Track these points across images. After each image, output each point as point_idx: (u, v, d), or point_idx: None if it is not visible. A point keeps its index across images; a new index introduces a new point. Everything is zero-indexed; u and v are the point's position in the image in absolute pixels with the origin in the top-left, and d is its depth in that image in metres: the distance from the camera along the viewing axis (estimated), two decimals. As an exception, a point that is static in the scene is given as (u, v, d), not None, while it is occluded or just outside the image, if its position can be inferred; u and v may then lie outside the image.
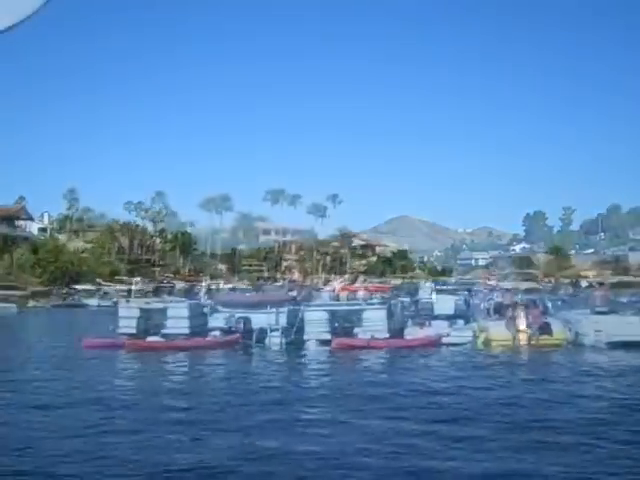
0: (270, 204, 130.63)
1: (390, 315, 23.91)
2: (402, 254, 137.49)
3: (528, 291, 25.98)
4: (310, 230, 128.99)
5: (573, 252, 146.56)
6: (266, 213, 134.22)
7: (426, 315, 26.00)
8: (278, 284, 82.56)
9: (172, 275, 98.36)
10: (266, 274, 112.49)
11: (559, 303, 29.53)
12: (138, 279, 55.98)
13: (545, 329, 22.98)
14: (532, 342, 22.65)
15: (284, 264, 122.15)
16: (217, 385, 15.96)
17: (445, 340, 23.09)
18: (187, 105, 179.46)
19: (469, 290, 28.09)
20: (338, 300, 24.59)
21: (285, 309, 23.96)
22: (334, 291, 25.53)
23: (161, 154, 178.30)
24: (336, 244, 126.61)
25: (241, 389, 14.86)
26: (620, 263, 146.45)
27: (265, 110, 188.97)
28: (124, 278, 74.81)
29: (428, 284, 29.65)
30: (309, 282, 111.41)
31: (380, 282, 61.47)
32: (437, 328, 23.98)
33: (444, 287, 29.73)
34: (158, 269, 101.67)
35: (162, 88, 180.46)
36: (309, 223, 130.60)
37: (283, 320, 23.66)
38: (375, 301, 24.43)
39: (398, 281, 52.61)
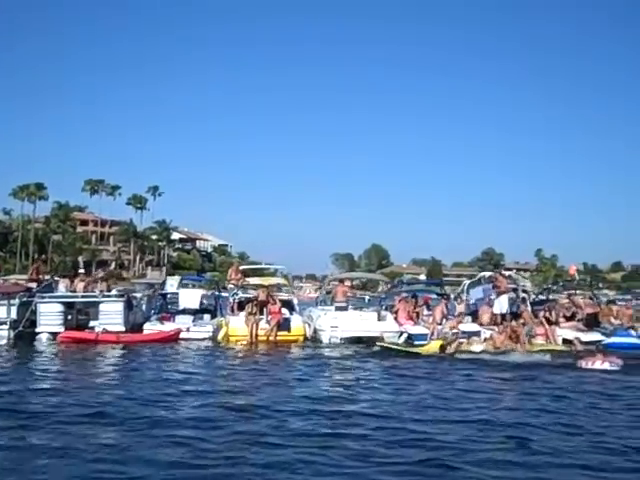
0: (89, 194, 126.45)
1: (130, 308, 23.12)
2: (222, 249, 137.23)
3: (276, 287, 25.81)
4: (129, 222, 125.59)
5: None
6: (84, 203, 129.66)
7: (172, 309, 25.39)
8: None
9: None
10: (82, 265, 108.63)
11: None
12: None
13: (283, 325, 22.99)
14: (270, 338, 22.64)
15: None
16: None
17: (185, 335, 22.61)
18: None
19: (217, 284, 27.67)
20: (75, 292, 23.40)
21: (17, 300, 22.59)
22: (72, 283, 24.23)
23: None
24: (154, 237, 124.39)
25: None
26: (437, 261, 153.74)
27: (86, 95, 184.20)
28: None
29: (175, 277, 29.14)
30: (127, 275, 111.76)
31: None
32: (180, 323, 23.46)
33: (192, 281, 29.17)
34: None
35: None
36: (128, 214, 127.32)
37: (13, 312, 22.34)
38: (113, 294, 23.49)
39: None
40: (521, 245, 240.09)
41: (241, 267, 28.22)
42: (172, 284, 26.43)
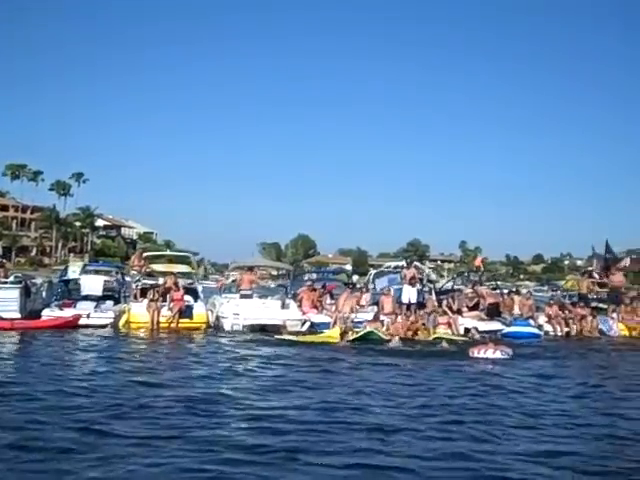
0: (9, 179, 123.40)
1: (27, 295, 22.53)
2: (147, 237, 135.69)
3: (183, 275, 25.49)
4: (52, 208, 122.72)
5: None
6: (5, 188, 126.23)
7: (76, 296, 24.80)
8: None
9: None
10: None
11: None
12: None
13: (186, 312, 22.79)
14: (172, 325, 22.41)
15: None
16: None
17: (84, 321, 22.12)
18: None
19: (120, 270, 27.11)
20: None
21: None
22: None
23: None
24: (78, 223, 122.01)
25: None
26: (363, 251, 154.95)
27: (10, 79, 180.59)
28: None
29: (78, 263, 28.55)
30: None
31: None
32: (80, 309, 22.96)
33: (96, 267, 28.57)
34: None
35: None
36: (51, 201, 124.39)
37: None
38: (9, 280, 22.84)
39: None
40: (446, 237, 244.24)
41: (145, 254, 27.90)
42: (74, 270, 25.82)
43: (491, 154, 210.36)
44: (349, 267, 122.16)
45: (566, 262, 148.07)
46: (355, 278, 29.97)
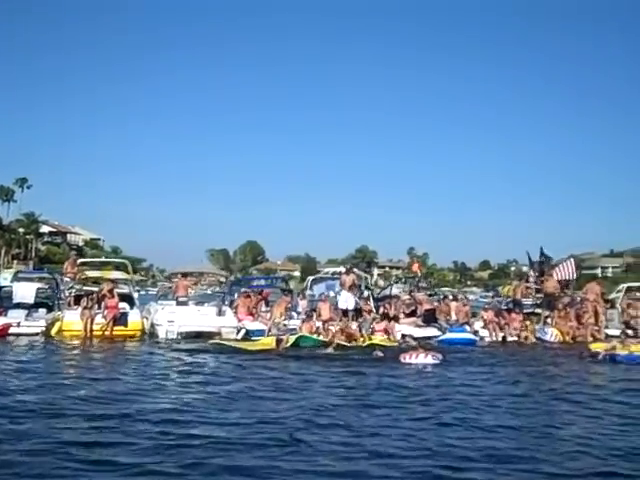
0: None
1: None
2: (94, 243, 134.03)
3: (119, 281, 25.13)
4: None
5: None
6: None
7: (7, 304, 24.23)
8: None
9: None
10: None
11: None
12: None
13: (121, 320, 22.52)
14: (106, 332, 22.11)
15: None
16: None
17: (15, 330, 21.70)
18: None
19: (54, 278, 26.62)
20: None
21: None
22: None
23: None
24: (22, 230, 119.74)
25: None
26: (311, 258, 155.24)
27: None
28: None
29: (10, 270, 28.12)
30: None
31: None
32: (11, 317, 22.50)
33: (29, 274, 28.11)
34: None
35: None
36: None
37: None
38: None
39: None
40: (395, 243, 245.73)
41: (80, 260, 27.57)
42: (6, 277, 25.36)
43: (440, 160, 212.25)
44: (297, 274, 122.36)
45: (512, 268, 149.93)
46: (292, 284, 29.88)
